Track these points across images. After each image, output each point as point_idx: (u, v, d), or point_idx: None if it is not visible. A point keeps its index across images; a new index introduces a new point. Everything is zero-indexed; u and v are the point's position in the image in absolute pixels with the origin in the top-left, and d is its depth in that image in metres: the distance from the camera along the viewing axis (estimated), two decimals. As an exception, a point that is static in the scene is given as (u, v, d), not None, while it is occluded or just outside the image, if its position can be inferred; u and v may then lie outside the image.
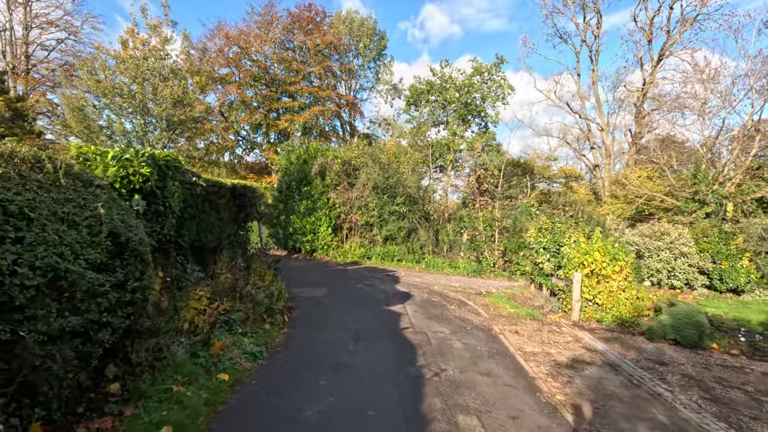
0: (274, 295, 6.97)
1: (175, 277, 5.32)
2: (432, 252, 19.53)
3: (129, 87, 11.94)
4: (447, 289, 13.08)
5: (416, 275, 16.05)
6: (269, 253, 13.32)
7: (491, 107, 25.52)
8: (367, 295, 10.84)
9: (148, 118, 12.62)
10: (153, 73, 12.36)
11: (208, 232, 6.60)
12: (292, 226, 18.96)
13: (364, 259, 18.83)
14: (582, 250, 9.58)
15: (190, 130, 14.69)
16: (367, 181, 19.13)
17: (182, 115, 13.24)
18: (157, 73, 12.43)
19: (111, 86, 11.56)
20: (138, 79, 12.03)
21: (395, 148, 25.67)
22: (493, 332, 7.84)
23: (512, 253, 18.43)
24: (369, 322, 7.88)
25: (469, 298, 11.72)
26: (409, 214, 19.75)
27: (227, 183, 7.36)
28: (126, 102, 11.88)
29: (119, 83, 11.73)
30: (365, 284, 12.71)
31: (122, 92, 11.82)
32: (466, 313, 9.46)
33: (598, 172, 31.92)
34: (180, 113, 13.23)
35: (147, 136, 12.37)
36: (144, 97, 12.05)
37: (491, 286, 14.71)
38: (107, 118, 12.40)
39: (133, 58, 12.18)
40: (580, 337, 7.87)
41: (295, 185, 19.29)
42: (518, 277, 17.75)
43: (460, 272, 17.86)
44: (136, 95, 11.94)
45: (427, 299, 10.87)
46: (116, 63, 12.14)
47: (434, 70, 26.56)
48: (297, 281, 12.53)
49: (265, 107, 28.76)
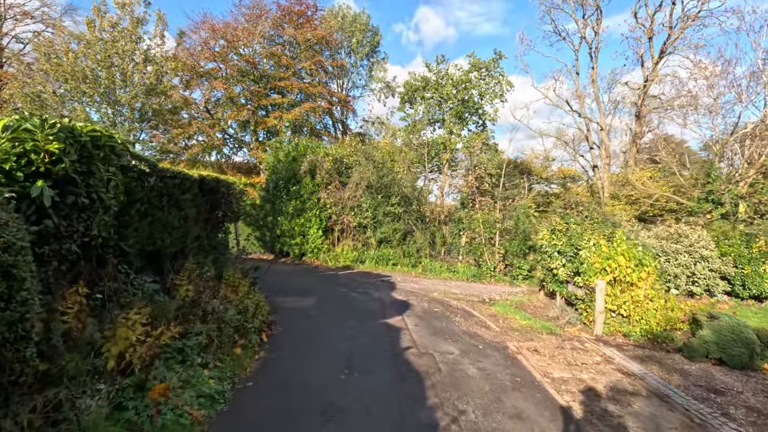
0: (249, 311, 5.74)
1: (114, 291, 4.08)
2: (429, 255, 18.39)
3: (94, 71, 10.62)
4: (448, 297, 11.94)
5: (413, 281, 14.89)
6: (248, 258, 12.02)
7: (489, 104, 24.52)
8: (361, 305, 9.63)
9: (118, 108, 11.30)
10: (122, 56, 11.05)
11: (167, 233, 5.36)
12: (280, 227, 17.69)
13: (357, 263, 17.62)
14: (603, 254, 8.48)
15: (167, 123, 13.37)
16: (360, 180, 17.93)
17: (156, 104, 11.95)
18: (127, 57, 11.13)
19: (72, 70, 10.24)
20: (105, 63, 10.72)
21: (389, 147, 24.52)
22: (510, 351, 6.69)
23: (513, 257, 17.38)
24: (364, 341, 6.68)
25: (474, 307, 10.58)
26: (405, 216, 18.59)
27: (194, 175, 6.13)
28: (91, 89, 10.55)
29: (82, 67, 10.41)
30: (359, 292, 11.50)
31: (86, 77, 10.50)
32: (474, 327, 8.30)
33: (597, 172, 31.06)
34: (154, 103, 11.94)
35: (116, 128, 11.05)
36: (111, 83, 10.75)
37: (494, 293, 13.64)
38: (71, 108, 11.06)
39: (100, 40, 10.87)
40: (611, 357, 6.75)
41: (283, 184, 18.03)
42: (520, 282, 16.71)
43: (459, 277, 16.76)
44: (102, 81, 10.63)
45: (428, 309, 9.70)
46: (80, 46, 10.82)
47: (430, 66, 25.53)
48: (283, 289, 11.27)
49: (253, 104, 27.46)
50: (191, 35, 25.41)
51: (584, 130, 33.14)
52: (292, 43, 29.12)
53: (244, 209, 8.65)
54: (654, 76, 25.45)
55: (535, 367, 5.97)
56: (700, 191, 16.02)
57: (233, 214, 7.81)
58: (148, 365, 3.44)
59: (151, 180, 4.88)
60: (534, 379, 5.37)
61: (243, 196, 8.76)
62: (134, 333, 3.33)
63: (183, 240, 5.87)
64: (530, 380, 5.32)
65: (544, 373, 5.68)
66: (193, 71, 25.29)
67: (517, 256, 17.34)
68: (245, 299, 6.01)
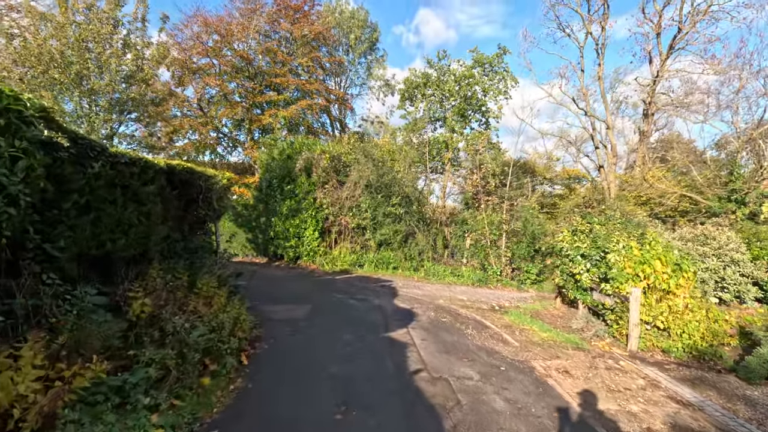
0: (225, 327, 4.70)
1: (32, 310, 3.03)
2: (432, 259, 17.36)
3: (65, 55, 9.58)
4: (455, 304, 10.90)
5: (416, 286, 13.85)
6: (236, 261, 10.98)
7: (493, 101, 23.52)
8: (360, 316, 8.57)
9: (94, 97, 10.24)
10: (97, 41, 10.02)
11: (121, 233, 4.31)
12: (274, 229, 16.65)
13: (356, 267, 16.58)
14: (636, 258, 7.46)
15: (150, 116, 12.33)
16: (359, 179, 16.91)
17: (135, 93, 10.91)
18: (103, 41, 10.10)
19: (39, 53, 9.20)
20: (77, 46, 9.69)
21: (389, 146, 23.52)
22: (537, 374, 5.65)
23: (521, 260, 16.40)
24: (364, 362, 5.63)
25: (485, 316, 9.54)
26: (406, 217, 17.57)
27: (159, 163, 5.08)
28: (61, 74, 9.51)
29: (50, 48, 9.37)
30: (357, 299, 10.44)
31: (55, 61, 9.46)
32: (490, 341, 7.26)
33: (603, 173, 30.10)
34: (133, 92, 10.90)
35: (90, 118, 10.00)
36: (84, 69, 9.71)
37: (502, 299, 12.64)
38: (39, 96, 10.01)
39: (73, 23, 9.84)
40: (655, 380, 5.71)
41: (277, 183, 16.99)
42: (528, 287, 15.74)
43: (464, 281, 15.73)
44: (74, 66, 9.59)
45: (436, 320, 8.65)
46: (50, 27, 9.79)
47: (431, 62, 24.54)
48: (274, 296, 10.21)
49: (248, 101, 26.44)
50: (183, 29, 24.39)
51: (589, 130, 32.28)
52: (288, 39, 28.15)
53: (229, 206, 7.58)
54: (663, 73, 24.56)
55: (571, 394, 4.94)
56: (722, 190, 15.03)
57: (214, 213, 6.77)
58: (49, 422, 2.39)
59: (96, 165, 3.83)
60: (574, 412, 4.33)
61: (227, 191, 7.71)
62: (23, 379, 2.30)
63: (145, 241, 4.82)
64: (572, 414, 4.28)
65: (585, 403, 4.64)
66: (184, 66, 24.27)
67: (525, 259, 16.35)
68: (221, 313, 4.96)
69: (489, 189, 17.26)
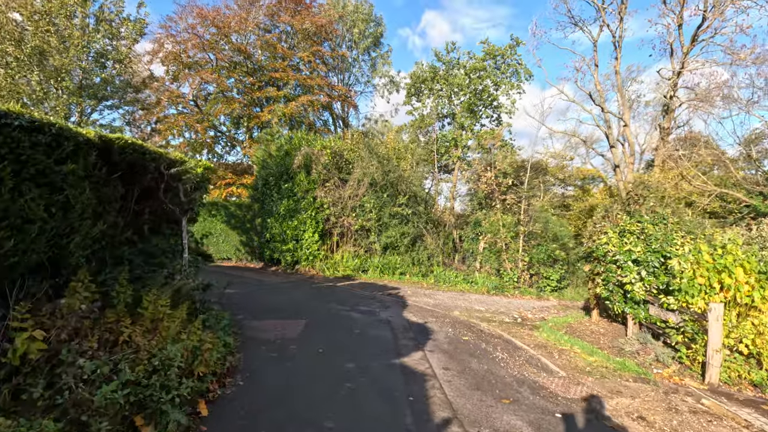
0: (172, 365, 3.26)
1: None
2: (442, 263, 15.89)
3: (20, 27, 8.20)
4: (472, 316, 9.43)
5: (426, 294, 12.39)
6: (205, 267, 9.57)
7: (505, 95, 22.07)
8: (364, 333, 7.10)
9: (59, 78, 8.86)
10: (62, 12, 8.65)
11: (8, 231, 2.88)
12: (270, 231, 15.23)
13: (359, 273, 15.13)
14: (708, 265, 5.96)
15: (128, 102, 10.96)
16: (362, 177, 15.49)
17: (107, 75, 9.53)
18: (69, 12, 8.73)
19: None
20: (34, 17, 8.32)
21: (395, 143, 22.09)
22: (607, 422, 4.16)
23: (540, 265, 14.90)
24: (370, 407, 4.16)
25: (512, 332, 8.05)
26: (414, 218, 16.12)
27: (88, 135, 3.66)
28: (16, 50, 8.13)
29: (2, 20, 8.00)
30: (361, 311, 8.97)
31: (9, 34, 8.08)
32: (528, 369, 5.76)
33: (618, 173, 28.52)
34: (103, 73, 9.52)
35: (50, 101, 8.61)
36: (43, 42, 8.33)
37: (523, 309, 11.22)
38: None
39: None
40: (763, 431, 4.20)
41: (273, 181, 15.58)
42: (548, 295, 14.27)
43: (478, 289, 14.25)
44: (31, 40, 8.21)
45: (456, 338, 7.17)
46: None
47: (440, 55, 23.14)
48: (264, 308, 8.76)
49: (246, 97, 25.12)
50: (177, 21, 23.12)
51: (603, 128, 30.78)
52: (289, 33, 26.88)
53: (201, 202, 6.15)
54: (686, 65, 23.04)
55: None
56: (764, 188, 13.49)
57: (180, 207, 5.33)
58: None
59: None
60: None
61: (204, 184, 6.29)
62: None
63: (59, 243, 3.38)
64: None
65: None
66: (178, 60, 23.01)
67: (544, 264, 14.86)
68: (172, 343, 3.52)
69: (505, 187, 15.77)
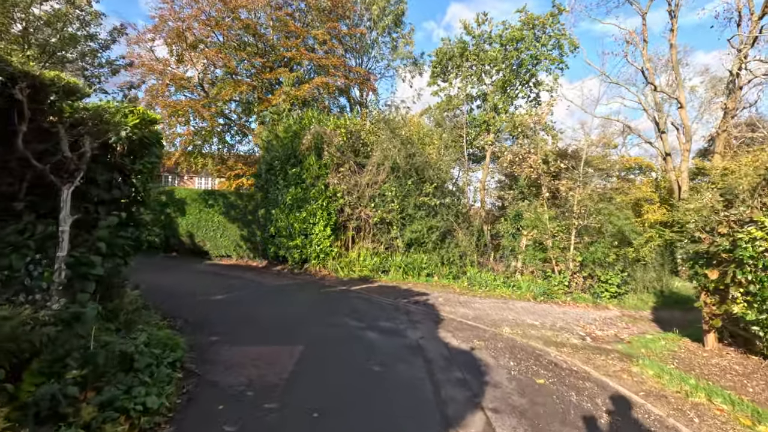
0: None
1: None
2: (477, 263, 13.38)
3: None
4: (529, 336, 7.04)
5: (461, 302, 10.00)
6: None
7: (545, 71, 19.25)
8: (387, 373, 4.72)
9: None
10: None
11: None
12: (275, 224, 13.01)
13: (379, 274, 12.78)
14: None
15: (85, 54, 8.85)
16: (383, 160, 13.09)
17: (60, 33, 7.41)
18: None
19: None
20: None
21: (418, 127, 19.57)
22: None
23: (595, 266, 12.30)
24: None
25: (596, 365, 5.59)
26: (443, 209, 13.66)
27: None
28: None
29: None
30: (381, 330, 6.61)
31: None
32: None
33: (670, 161, 25.28)
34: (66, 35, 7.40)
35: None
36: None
37: (584, 321, 8.85)
38: None
39: None
40: None
41: (279, 166, 13.34)
42: (606, 302, 11.72)
43: (522, 295, 11.78)
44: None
45: (525, 381, 4.73)
46: None
47: (469, 28, 20.43)
48: (252, 323, 6.49)
49: (256, 79, 23.00)
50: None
51: (652, 111, 27.56)
52: (302, 11, 24.66)
53: (147, 176, 3.82)
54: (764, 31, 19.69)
55: None
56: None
57: (61, 170, 3.05)
58: None
59: None
60: None
61: (149, 143, 4.04)
62: None
63: None
64: None
65: None
66: (181, 37, 21.04)
67: (602, 265, 12.24)
68: None
69: (553, 172, 13.15)
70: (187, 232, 14.21)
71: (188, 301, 7.94)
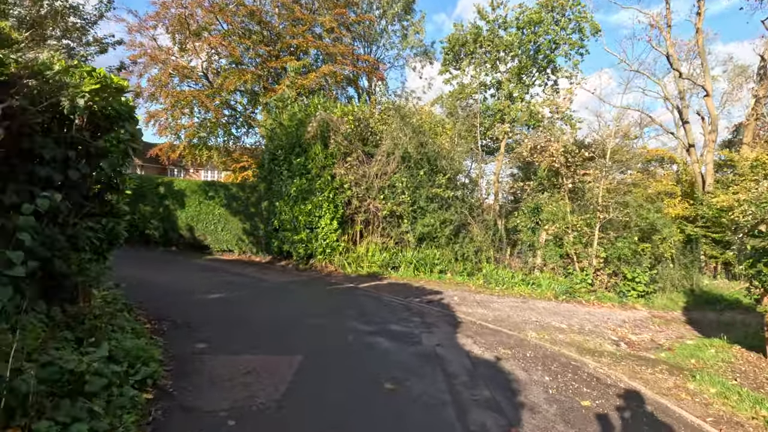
0: None
1: None
2: (494, 259, 12.54)
3: None
4: (559, 342, 6.24)
5: (478, 301, 9.21)
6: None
7: (565, 56, 18.18)
8: (401, 391, 3.94)
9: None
10: None
11: None
12: (278, 217, 12.29)
13: (388, 270, 12.02)
14: None
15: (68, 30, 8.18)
16: (393, 149, 12.28)
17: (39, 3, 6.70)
18: None
19: None
20: None
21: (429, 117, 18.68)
22: None
23: (621, 263, 11.43)
24: None
25: (646, 380, 4.79)
26: (456, 202, 12.83)
27: None
28: None
29: None
30: (393, 335, 5.84)
31: None
32: None
33: (693, 153, 24.08)
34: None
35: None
36: None
37: (613, 323, 8.07)
38: None
39: None
40: None
41: (282, 155, 12.60)
42: (633, 301, 10.82)
43: (542, 293, 10.95)
44: None
45: (567, 403, 3.93)
46: None
47: (483, 13, 19.41)
48: (245, 327, 5.76)
49: (261, 68, 22.24)
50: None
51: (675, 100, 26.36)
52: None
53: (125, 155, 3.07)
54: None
55: None
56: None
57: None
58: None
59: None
60: None
61: (117, 113, 3.31)
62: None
63: None
64: None
65: None
66: (184, 25, 20.36)
67: (627, 262, 11.35)
68: None
69: (578, 161, 12.24)
70: (186, 226, 13.57)
71: (181, 300, 7.26)
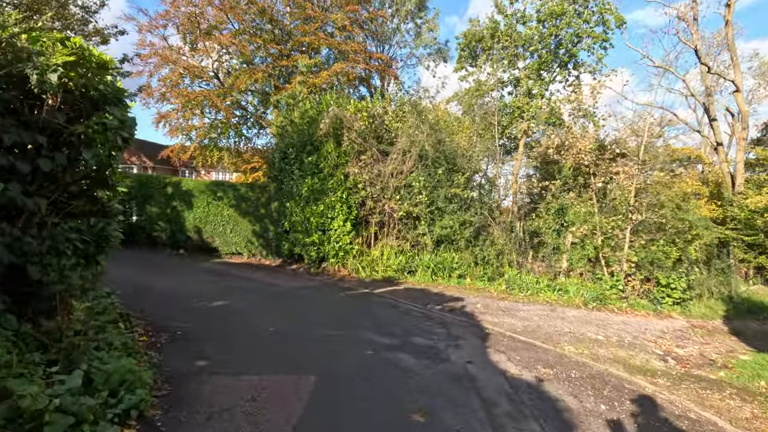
0: None
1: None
2: (516, 264, 11.80)
3: None
4: (602, 358, 5.54)
5: (503, 309, 8.52)
6: None
7: (587, 50, 17.33)
8: (434, 427, 3.30)
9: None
10: None
11: None
12: (289, 218, 11.72)
13: (404, 274, 11.35)
14: None
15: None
16: (409, 147, 11.64)
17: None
18: None
19: None
20: None
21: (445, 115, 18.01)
22: None
23: (654, 267, 10.63)
24: None
25: (716, 408, 4.07)
26: (476, 203, 12.14)
27: None
28: None
29: None
30: (416, 350, 5.18)
31: None
32: None
33: (721, 152, 22.88)
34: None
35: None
36: None
37: (651, 334, 7.40)
38: None
39: None
40: None
41: (294, 154, 12.05)
42: (669, 309, 9.98)
43: (570, 300, 10.18)
44: None
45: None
46: None
47: (501, 7, 18.67)
48: (252, 340, 5.16)
49: (272, 68, 21.81)
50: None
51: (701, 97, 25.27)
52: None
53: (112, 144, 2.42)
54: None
55: None
56: None
57: None
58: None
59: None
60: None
61: (115, 96, 2.74)
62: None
63: None
64: None
65: None
66: (194, 23, 20.04)
67: (660, 267, 10.53)
68: None
69: (609, 158, 11.47)
70: (194, 227, 13.10)
71: (184, 308, 6.70)
